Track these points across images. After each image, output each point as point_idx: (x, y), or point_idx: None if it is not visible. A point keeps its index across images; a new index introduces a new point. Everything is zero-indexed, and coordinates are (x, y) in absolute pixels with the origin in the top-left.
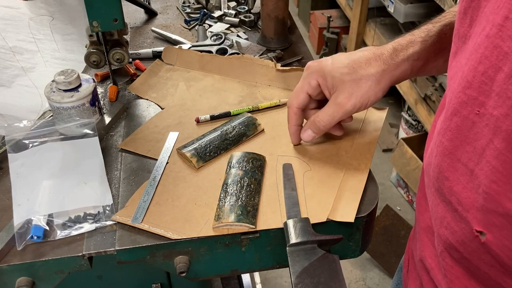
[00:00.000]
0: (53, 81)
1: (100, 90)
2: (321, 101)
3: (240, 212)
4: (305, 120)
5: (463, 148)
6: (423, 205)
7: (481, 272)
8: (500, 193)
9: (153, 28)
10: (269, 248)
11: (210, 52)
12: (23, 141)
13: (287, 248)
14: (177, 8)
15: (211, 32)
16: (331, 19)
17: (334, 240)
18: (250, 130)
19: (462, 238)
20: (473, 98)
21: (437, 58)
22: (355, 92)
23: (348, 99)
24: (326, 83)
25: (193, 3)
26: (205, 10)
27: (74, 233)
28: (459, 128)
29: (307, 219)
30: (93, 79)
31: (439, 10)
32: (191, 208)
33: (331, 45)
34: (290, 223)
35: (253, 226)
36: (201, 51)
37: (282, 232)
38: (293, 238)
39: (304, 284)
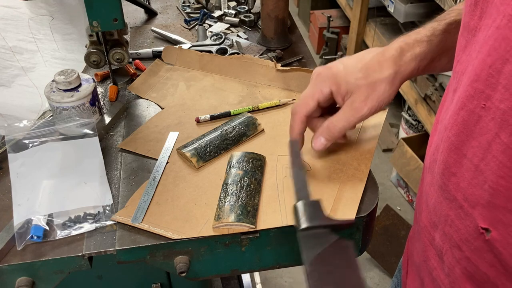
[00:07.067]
0: (53, 81)
1: (100, 90)
2: (325, 109)
3: (240, 212)
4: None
5: (469, 143)
6: (423, 205)
7: (479, 273)
8: (509, 188)
9: (153, 28)
10: (269, 248)
11: (210, 52)
12: (23, 141)
13: (297, 233)
14: (177, 8)
15: (211, 32)
16: (331, 19)
17: (345, 225)
18: (250, 130)
19: (466, 236)
20: (480, 91)
21: (441, 57)
22: (371, 95)
23: (364, 103)
24: (339, 89)
25: (193, 3)
26: (205, 10)
27: (74, 233)
28: (465, 123)
29: (318, 202)
30: (93, 79)
31: (439, 10)
32: (191, 208)
33: (331, 45)
34: (300, 205)
35: (253, 226)
36: (201, 51)
37: (282, 232)
38: (304, 223)
39: (318, 272)
